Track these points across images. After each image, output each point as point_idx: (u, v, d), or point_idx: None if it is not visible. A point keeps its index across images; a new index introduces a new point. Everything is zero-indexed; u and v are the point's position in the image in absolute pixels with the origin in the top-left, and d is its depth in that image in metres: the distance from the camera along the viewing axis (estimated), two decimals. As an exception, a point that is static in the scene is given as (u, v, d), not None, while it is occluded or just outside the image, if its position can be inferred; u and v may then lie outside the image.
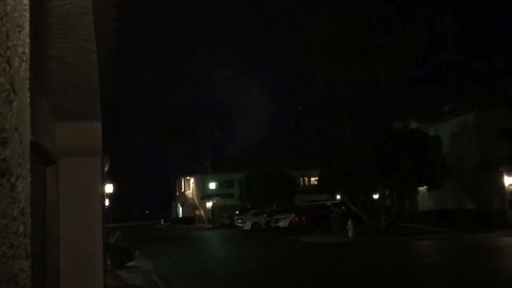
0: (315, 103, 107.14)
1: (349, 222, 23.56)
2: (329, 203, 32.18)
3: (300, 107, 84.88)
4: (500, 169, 25.43)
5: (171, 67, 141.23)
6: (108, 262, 12.92)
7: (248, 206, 45.74)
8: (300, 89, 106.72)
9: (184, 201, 64.79)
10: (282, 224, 32.24)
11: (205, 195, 56.34)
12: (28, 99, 0.83)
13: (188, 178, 65.20)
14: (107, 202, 16.52)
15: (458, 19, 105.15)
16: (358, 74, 35.10)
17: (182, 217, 63.17)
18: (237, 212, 43.77)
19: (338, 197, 32.86)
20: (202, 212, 59.01)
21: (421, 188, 24.94)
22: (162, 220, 67.90)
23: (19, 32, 0.76)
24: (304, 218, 29.61)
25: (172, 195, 72.05)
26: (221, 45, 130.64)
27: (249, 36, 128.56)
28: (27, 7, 0.81)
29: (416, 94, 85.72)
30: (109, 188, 19.12)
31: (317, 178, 31.19)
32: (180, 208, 66.84)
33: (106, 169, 13.52)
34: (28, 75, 0.83)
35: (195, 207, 60.95)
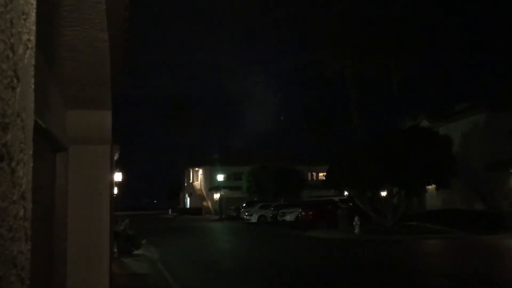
0: (325, 99, 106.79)
1: (356, 218, 23.52)
2: (336, 199, 32.14)
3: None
4: (511, 170, 25.19)
5: (182, 58, 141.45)
6: (115, 250, 13.06)
7: (255, 199, 45.86)
8: (310, 84, 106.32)
9: (192, 192, 65.11)
10: (288, 218, 32.28)
11: (213, 186, 56.55)
12: (33, 86, 0.84)
13: (196, 169, 65.47)
14: (115, 191, 16.66)
15: (471, 17, 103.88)
16: (370, 71, 34.92)
17: (190, 207, 63.50)
18: (244, 205, 43.91)
19: (346, 193, 32.81)
20: (209, 204, 59.28)
21: (429, 187, 24.81)
22: (170, 210, 68.30)
23: (24, 19, 0.77)
24: (311, 213, 29.59)
25: (180, 185, 72.40)
26: (231, 37, 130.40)
27: (259, 29, 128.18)
28: (33, -6, 0.82)
29: (427, 93, 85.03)
30: (118, 176, 19.28)
31: (325, 173, 31.15)
32: (188, 199, 67.19)
33: (115, 158, 13.62)
34: (33, 63, 0.84)
35: (202, 198, 61.23)
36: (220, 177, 53.24)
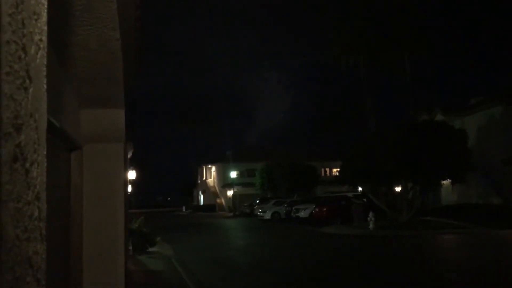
0: (338, 95, 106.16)
1: (370, 214, 23.39)
2: (350, 194, 31.97)
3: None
4: (528, 164, 24.82)
5: (195, 56, 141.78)
6: (130, 247, 13.17)
7: (269, 196, 45.84)
8: (324, 79, 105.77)
9: (206, 189, 65.36)
10: (302, 214, 32.22)
11: (226, 183, 56.70)
12: (45, 86, 0.84)
13: (209, 166, 65.70)
14: (130, 188, 16.78)
15: (486, 9, 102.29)
16: (384, 64, 34.62)
17: (203, 204, 63.78)
18: (257, 201, 43.92)
19: (360, 188, 32.63)
20: (223, 200, 59.47)
21: (444, 182, 24.55)
22: (184, 207, 68.68)
23: (35, 20, 0.78)
24: (325, 209, 29.50)
25: (194, 182, 72.74)
26: (245, 34, 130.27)
27: (272, 24, 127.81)
28: (44, -6, 0.82)
29: (442, 86, 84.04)
30: (132, 174, 19.41)
31: (338, 169, 31.01)
32: (202, 196, 67.49)
33: (129, 156, 13.71)
34: (45, 63, 0.84)
35: (216, 195, 61.44)
36: (233, 174, 53.34)
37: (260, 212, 38.67)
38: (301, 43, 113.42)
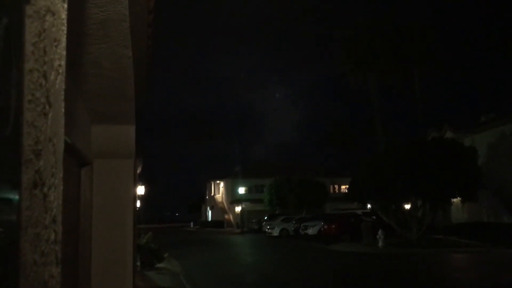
0: (347, 110, 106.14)
1: (380, 232, 23.14)
2: (359, 211, 31.70)
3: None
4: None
5: (203, 72, 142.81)
6: (138, 263, 13.13)
7: (277, 212, 45.57)
8: (333, 96, 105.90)
9: (214, 204, 65.20)
10: (311, 231, 31.96)
11: (234, 199, 56.52)
12: (63, 110, 0.86)
13: (218, 182, 65.61)
14: (138, 204, 16.80)
15: (497, 27, 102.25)
16: (393, 81, 34.60)
17: (211, 220, 63.55)
18: (265, 218, 43.67)
19: (369, 206, 32.35)
20: (231, 217, 59.22)
21: (455, 200, 24.27)
22: (192, 223, 68.46)
23: (56, 46, 0.79)
24: (334, 226, 29.24)
25: (202, 198, 72.60)
26: (253, 50, 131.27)
27: (282, 42, 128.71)
28: (65, 21, 0.84)
29: (452, 103, 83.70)
30: (141, 190, 19.44)
31: (347, 186, 30.81)
32: (210, 212, 67.29)
33: (138, 171, 13.77)
34: (64, 87, 0.86)
35: (224, 211, 61.23)
36: (242, 190, 53.16)
37: (268, 228, 38.44)
38: (310, 59, 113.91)
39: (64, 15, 0.83)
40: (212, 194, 67.18)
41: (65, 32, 0.86)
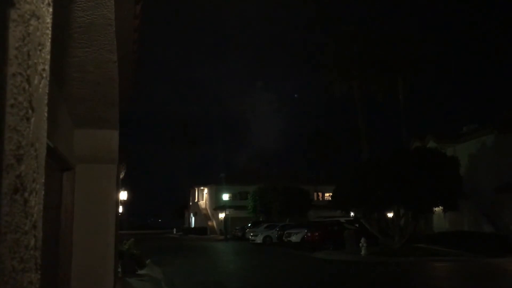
0: (332, 119, 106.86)
1: (363, 240, 23.26)
2: (343, 219, 31.84)
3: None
4: (519, 193, 24.91)
5: (188, 77, 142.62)
6: (119, 269, 12.97)
7: (261, 219, 45.52)
8: (317, 104, 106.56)
9: (197, 211, 64.82)
10: (294, 239, 31.98)
11: (218, 206, 56.30)
12: (46, 115, 0.85)
13: (202, 188, 65.30)
14: (121, 209, 16.63)
15: (480, 38, 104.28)
16: (377, 91, 35.00)
17: (195, 227, 63.14)
18: (249, 225, 43.59)
19: (352, 214, 32.51)
20: (214, 223, 58.93)
21: (436, 209, 24.55)
22: (175, 230, 67.95)
23: (40, 50, 0.79)
24: (317, 234, 29.31)
25: (185, 204, 72.15)
26: (238, 57, 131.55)
27: (266, 50, 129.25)
28: (49, 25, 0.83)
29: (435, 114, 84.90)
30: (123, 195, 19.26)
31: (331, 193, 30.95)
32: (193, 218, 66.86)
33: (122, 176, 13.64)
34: (47, 91, 0.85)
35: (207, 217, 60.91)
36: (226, 197, 52.99)
37: (251, 235, 38.35)
38: (295, 67, 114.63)
39: (49, 19, 0.83)
40: (196, 200, 66.80)
41: (49, 36, 0.85)
